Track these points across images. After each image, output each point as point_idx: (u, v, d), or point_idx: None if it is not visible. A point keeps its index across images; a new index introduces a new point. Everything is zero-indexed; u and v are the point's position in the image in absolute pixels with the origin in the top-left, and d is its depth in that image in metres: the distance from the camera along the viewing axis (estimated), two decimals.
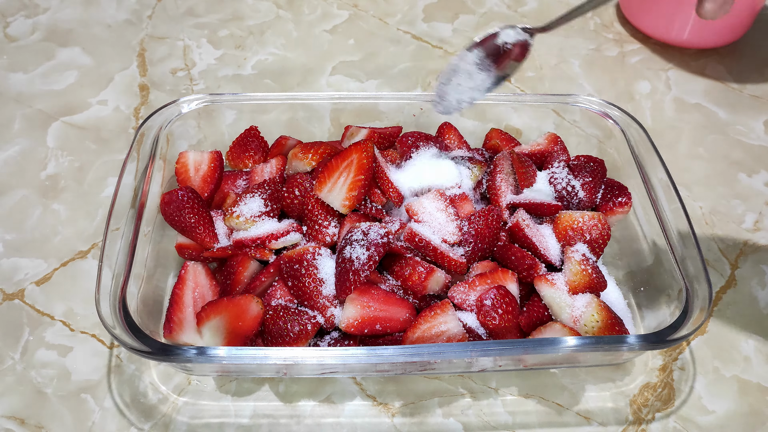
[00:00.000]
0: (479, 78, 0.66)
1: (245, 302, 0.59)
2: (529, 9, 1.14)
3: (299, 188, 0.68)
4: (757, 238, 0.80)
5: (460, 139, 0.80)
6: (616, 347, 0.56)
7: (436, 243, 0.63)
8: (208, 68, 1.00)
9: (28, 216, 0.78)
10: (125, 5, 1.10)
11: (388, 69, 1.02)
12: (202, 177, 0.72)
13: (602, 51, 1.07)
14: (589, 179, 0.73)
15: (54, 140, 0.87)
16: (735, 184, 0.86)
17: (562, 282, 0.63)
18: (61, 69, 0.98)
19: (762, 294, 0.74)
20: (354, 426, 0.62)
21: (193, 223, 0.66)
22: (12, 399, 0.62)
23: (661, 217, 0.67)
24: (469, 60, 0.66)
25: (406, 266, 0.62)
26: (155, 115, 0.73)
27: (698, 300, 0.59)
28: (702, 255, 0.62)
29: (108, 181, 0.82)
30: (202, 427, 0.61)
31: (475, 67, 0.66)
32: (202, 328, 0.59)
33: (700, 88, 1.00)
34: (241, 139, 0.78)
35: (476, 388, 0.65)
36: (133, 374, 0.64)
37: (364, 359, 0.54)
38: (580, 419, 0.63)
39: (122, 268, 0.60)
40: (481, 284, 0.63)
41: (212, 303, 0.59)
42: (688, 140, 0.92)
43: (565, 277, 0.63)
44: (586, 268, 0.62)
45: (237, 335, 0.58)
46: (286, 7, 1.12)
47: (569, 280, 0.63)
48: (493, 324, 0.60)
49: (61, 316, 0.69)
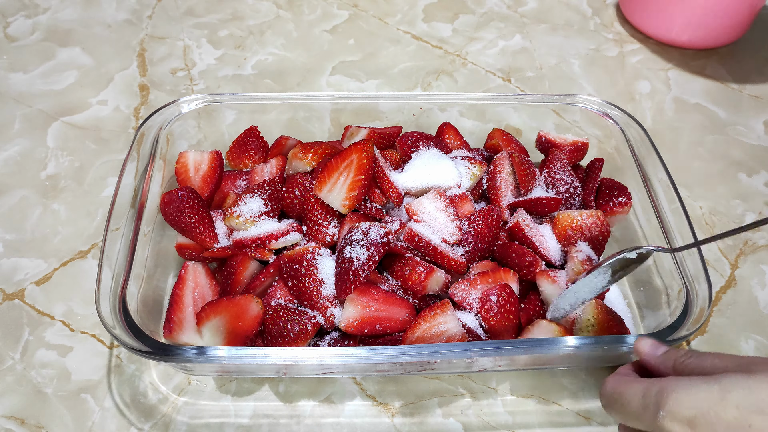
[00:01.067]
0: (596, 282, 0.61)
1: (245, 302, 0.59)
2: (529, 9, 1.14)
3: (299, 188, 0.68)
4: (757, 238, 0.80)
5: (460, 139, 0.80)
6: (616, 347, 0.56)
7: (435, 243, 0.63)
8: (208, 68, 1.00)
9: (28, 216, 0.78)
10: (125, 5, 1.10)
11: (388, 69, 1.02)
12: (202, 177, 0.72)
13: (602, 51, 1.07)
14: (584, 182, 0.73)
15: (54, 140, 0.87)
16: (735, 184, 0.86)
17: (563, 280, 0.63)
18: (61, 69, 0.98)
19: (762, 294, 0.74)
20: (354, 426, 0.62)
21: (193, 223, 0.66)
22: (12, 399, 0.62)
23: (661, 217, 0.67)
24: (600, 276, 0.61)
25: (406, 266, 0.62)
26: (155, 115, 0.73)
27: (698, 300, 0.59)
28: (702, 255, 0.62)
29: (108, 181, 0.82)
30: (202, 427, 0.61)
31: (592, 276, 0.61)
32: (202, 328, 0.59)
33: (700, 88, 1.00)
34: (241, 139, 0.78)
35: (476, 388, 0.65)
36: (133, 374, 0.64)
37: (364, 359, 0.54)
38: (580, 419, 0.63)
39: (122, 268, 0.60)
40: (483, 282, 0.63)
41: (212, 303, 0.59)
42: (688, 140, 0.92)
43: (568, 275, 0.63)
44: (588, 268, 0.62)
45: (237, 335, 0.58)
46: (286, 7, 1.12)
47: (571, 279, 0.63)
48: (494, 321, 0.60)
49: (61, 316, 0.69)
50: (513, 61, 1.04)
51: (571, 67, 1.03)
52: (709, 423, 0.40)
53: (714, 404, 0.40)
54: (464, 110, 0.83)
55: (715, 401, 0.40)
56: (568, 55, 1.06)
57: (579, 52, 1.06)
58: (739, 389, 0.40)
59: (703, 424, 0.40)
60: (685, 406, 0.41)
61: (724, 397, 0.40)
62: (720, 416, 0.40)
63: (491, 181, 0.72)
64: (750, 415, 0.39)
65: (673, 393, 0.42)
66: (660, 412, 0.42)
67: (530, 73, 1.02)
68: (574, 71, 1.03)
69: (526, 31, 1.09)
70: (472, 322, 0.62)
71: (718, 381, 0.41)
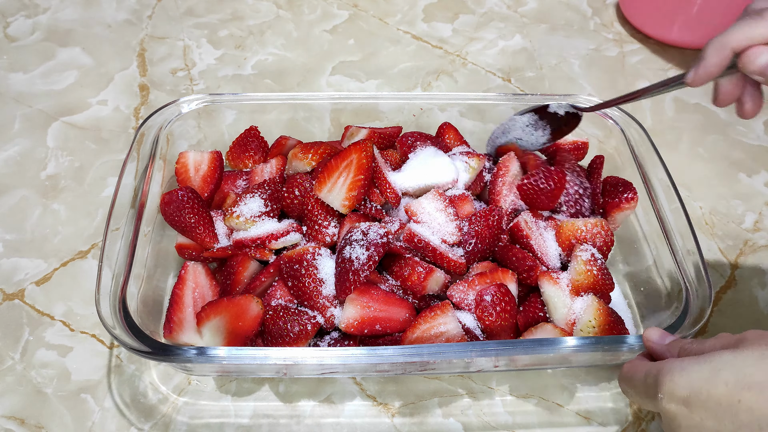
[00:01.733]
0: (536, 135, 0.73)
1: (245, 302, 0.59)
2: (529, 9, 1.14)
3: (299, 188, 0.68)
4: (757, 238, 0.80)
5: (460, 139, 0.80)
6: (616, 347, 0.56)
7: (435, 243, 0.63)
8: (208, 68, 1.00)
9: (28, 216, 0.78)
10: (125, 5, 1.10)
11: (388, 69, 1.02)
12: (203, 177, 0.72)
13: (602, 51, 1.07)
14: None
15: (54, 140, 0.87)
16: (735, 184, 0.86)
17: (565, 282, 0.63)
18: (61, 69, 0.98)
19: (762, 294, 0.74)
20: (354, 426, 0.62)
21: (193, 223, 0.66)
22: (12, 399, 0.62)
23: (661, 217, 0.67)
24: (522, 122, 0.74)
25: (406, 266, 0.62)
26: (155, 115, 0.73)
27: (698, 300, 0.59)
28: (702, 255, 0.62)
29: (108, 181, 0.82)
30: (202, 427, 0.61)
31: (530, 128, 0.73)
32: (202, 329, 0.59)
33: (700, 88, 1.00)
34: (241, 139, 0.78)
35: (476, 388, 0.65)
36: (133, 374, 0.64)
37: (364, 359, 0.54)
38: (580, 419, 0.63)
39: (122, 268, 0.60)
40: (481, 283, 0.63)
41: (212, 303, 0.59)
42: (688, 140, 0.92)
43: (570, 276, 0.63)
44: (592, 268, 0.62)
45: (237, 335, 0.58)
46: (286, 7, 1.12)
47: (573, 279, 0.62)
48: (489, 321, 0.60)
49: (61, 316, 0.69)
50: (513, 61, 1.04)
51: (571, 67, 1.03)
52: (701, 401, 0.42)
53: (705, 383, 0.42)
54: (464, 110, 0.83)
55: (706, 380, 0.42)
56: (568, 55, 1.06)
57: (579, 52, 1.06)
58: (728, 367, 0.42)
59: (696, 403, 0.42)
60: (679, 387, 0.43)
61: (715, 375, 0.42)
62: (711, 394, 0.42)
63: (493, 182, 0.72)
64: (740, 391, 0.41)
65: (668, 375, 0.44)
66: (659, 393, 0.44)
67: (530, 73, 1.02)
68: (574, 71, 1.03)
69: (526, 31, 1.09)
70: (471, 323, 0.62)
71: (708, 360, 0.43)
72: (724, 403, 0.41)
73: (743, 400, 0.40)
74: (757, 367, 0.41)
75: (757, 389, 0.40)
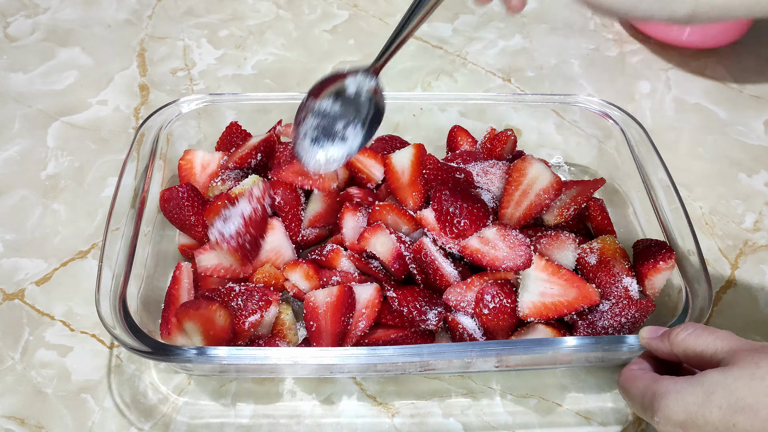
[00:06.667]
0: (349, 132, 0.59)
1: (209, 314, 0.57)
2: (529, 9, 1.14)
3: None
4: (757, 238, 0.80)
5: (472, 140, 0.79)
6: (616, 347, 0.56)
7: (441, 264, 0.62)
8: (208, 68, 1.00)
9: (28, 216, 0.78)
10: (125, 5, 1.10)
11: (388, 69, 1.01)
12: (210, 176, 0.72)
13: (602, 51, 1.07)
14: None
15: (54, 140, 0.87)
16: (735, 184, 0.86)
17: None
18: (61, 69, 0.98)
19: (762, 294, 0.74)
20: (354, 426, 0.62)
21: (192, 221, 0.66)
22: (12, 399, 0.62)
23: (661, 217, 0.67)
24: (323, 110, 0.58)
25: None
26: (155, 115, 0.73)
27: (698, 300, 0.59)
28: (702, 255, 0.62)
29: (108, 181, 0.82)
30: (202, 427, 0.61)
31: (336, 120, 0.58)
32: (184, 332, 0.58)
33: (700, 88, 1.00)
34: (225, 138, 0.76)
35: (476, 388, 0.65)
36: (133, 374, 0.64)
37: (364, 359, 0.54)
38: (580, 419, 0.63)
39: (122, 268, 0.60)
40: (480, 283, 0.62)
41: (182, 308, 0.58)
42: (688, 140, 0.92)
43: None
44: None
45: (215, 341, 0.57)
46: (286, 7, 1.12)
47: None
48: (488, 319, 0.60)
49: (61, 316, 0.69)
50: (513, 61, 1.04)
51: (571, 67, 1.03)
52: (699, 426, 0.43)
53: (700, 408, 0.43)
54: (464, 110, 0.83)
55: (700, 405, 0.43)
56: (568, 55, 1.05)
57: (579, 52, 1.06)
58: (719, 389, 0.42)
59: (693, 428, 0.43)
60: (675, 412, 0.44)
61: (708, 399, 0.42)
62: (707, 419, 0.42)
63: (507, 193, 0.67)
64: (733, 415, 0.41)
65: (663, 399, 0.45)
66: (655, 417, 0.45)
67: (530, 73, 1.02)
68: (574, 71, 1.03)
69: (526, 31, 1.09)
70: (470, 325, 0.61)
71: (701, 383, 0.44)
72: (720, 428, 0.42)
73: (738, 424, 0.41)
74: (748, 389, 0.42)
75: (751, 413, 0.41)
